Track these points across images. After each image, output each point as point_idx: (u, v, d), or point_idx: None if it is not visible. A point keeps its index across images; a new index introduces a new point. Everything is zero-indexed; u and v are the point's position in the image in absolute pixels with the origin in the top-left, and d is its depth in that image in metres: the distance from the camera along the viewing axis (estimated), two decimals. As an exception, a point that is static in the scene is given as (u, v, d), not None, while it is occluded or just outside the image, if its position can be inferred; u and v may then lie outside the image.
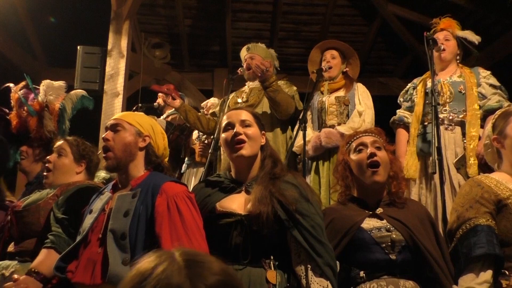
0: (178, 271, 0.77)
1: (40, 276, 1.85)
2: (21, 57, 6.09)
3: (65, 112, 2.56)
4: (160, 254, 0.82)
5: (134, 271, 0.80)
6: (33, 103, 2.61)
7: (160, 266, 0.78)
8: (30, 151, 2.58)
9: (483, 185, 1.90)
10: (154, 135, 1.92)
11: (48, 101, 2.57)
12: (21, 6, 5.68)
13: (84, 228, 1.81)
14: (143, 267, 0.79)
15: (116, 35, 4.50)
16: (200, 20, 6.21)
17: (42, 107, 2.57)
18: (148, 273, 0.77)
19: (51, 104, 2.58)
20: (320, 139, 3.09)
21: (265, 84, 3.12)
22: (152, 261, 0.80)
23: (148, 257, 0.82)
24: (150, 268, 0.78)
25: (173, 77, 6.51)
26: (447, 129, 2.84)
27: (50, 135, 2.48)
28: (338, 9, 6.03)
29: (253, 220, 1.67)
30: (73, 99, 2.60)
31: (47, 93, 2.59)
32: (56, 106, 2.59)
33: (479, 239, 1.76)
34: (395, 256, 1.78)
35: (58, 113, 2.57)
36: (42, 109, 2.56)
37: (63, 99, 2.62)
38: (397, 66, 6.79)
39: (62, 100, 2.61)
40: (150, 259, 0.81)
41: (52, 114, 2.54)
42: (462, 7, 5.11)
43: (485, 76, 2.94)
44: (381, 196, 1.96)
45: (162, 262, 0.79)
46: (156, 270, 0.77)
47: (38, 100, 2.59)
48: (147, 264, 0.80)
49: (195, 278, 0.76)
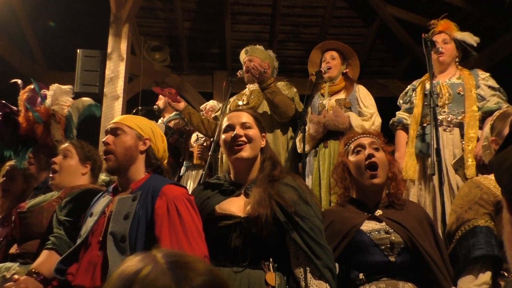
0: (162, 274, 0.74)
1: (40, 277, 1.85)
2: (21, 61, 6.10)
3: (72, 121, 2.55)
4: (142, 257, 0.79)
5: (116, 276, 0.77)
6: (40, 109, 2.59)
7: (143, 270, 0.75)
8: (37, 158, 2.57)
9: (482, 186, 1.90)
10: (154, 138, 1.92)
11: (55, 109, 2.56)
12: (20, 10, 5.69)
13: (84, 231, 1.82)
14: (125, 272, 0.76)
15: (116, 38, 4.51)
16: (200, 23, 6.22)
17: (49, 115, 2.55)
18: (132, 278, 0.74)
19: (58, 112, 2.57)
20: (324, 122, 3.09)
21: (262, 86, 3.13)
22: (134, 266, 0.77)
23: (130, 261, 0.79)
24: (133, 273, 0.75)
25: (173, 80, 6.52)
26: (445, 131, 2.84)
27: (58, 144, 2.48)
28: (337, 11, 6.04)
29: (252, 223, 1.67)
30: (79, 107, 2.58)
31: (54, 99, 2.58)
32: (63, 115, 2.58)
33: (478, 241, 1.76)
34: (394, 258, 1.79)
35: (65, 122, 2.56)
36: (49, 117, 2.55)
37: (70, 107, 2.60)
38: (396, 68, 6.79)
39: (69, 107, 2.60)
40: (132, 263, 0.78)
41: (59, 123, 2.53)
42: (460, 9, 5.12)
43: (484, 78, 2.94)
44: (380, 198, 1.97)
45: (145, 266, 0.76)
46: (139, 274, 0.75)
47: (45, 106, 2.58)
48: (129, 269, 0.77)
49: (180, 280, 0.74)
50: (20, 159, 2.61)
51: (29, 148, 2.58)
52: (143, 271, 0.75)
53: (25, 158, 2.59)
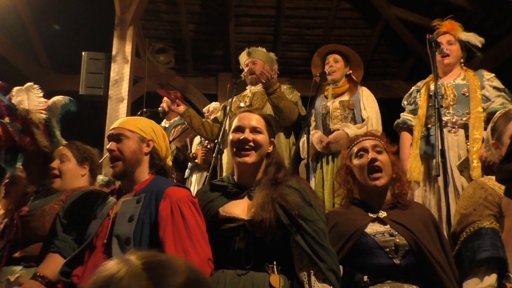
0: (137, 277, 0.72)
1: (45, 280, 1.85)
2: (27, 64, 6.14)
3: (52, 126, 2.48)
4: (117, 261, 0.76)
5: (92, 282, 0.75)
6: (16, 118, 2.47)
7: (118, 273, 0.73)
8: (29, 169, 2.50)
9: (486, 187, 1.88)
10: (156, 138, 1.92)
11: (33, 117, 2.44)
12: (25, 14, 5.74)
13: (89, 234, 1.83)
14: (100, 277, 0.74)
15: (121, 41, 4.53)
16: (204, 25, 6.24)
17: (27, 121, 2.42)
18: (106, 283, 0.72)
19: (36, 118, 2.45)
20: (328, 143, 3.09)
21: (269, 91, 3.13)
22: (109, 270, 0.74)
23: (105, 266, 0.76)
24: (108, 277, 0.73)
25: (177, 82, 6.54)
26: (450, 132, 2.83)
27: (47, 150, 2.44)
28: (341, 13, 6.04)
29: (256, 227, 1.66)
30: (54, 111, 2.49)
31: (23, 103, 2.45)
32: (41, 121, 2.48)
33: (483, 242, 1.75)
34: (398, 260, 1.77)
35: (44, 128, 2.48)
36: (27, 124, 2.42)
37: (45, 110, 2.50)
38: (401, 69, 6.78)
39: (44, 110, 2.50)
40: (106, 268, 0.75)
41: (39, 129, 2.46)
42: (465, 9, 5.11)
43: (489, 78, 2.93)
44: (384, 199, 1.95)
45: (119, 270, 0.73)
46: (113, 278, 0.72)
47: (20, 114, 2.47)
48: (104, 274, 0.74)
49: (159, 280, 0.72)
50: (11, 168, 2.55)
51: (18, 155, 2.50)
52: (117, 275, 0.73)
53: (15, 166, 2.53)
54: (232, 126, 1.88)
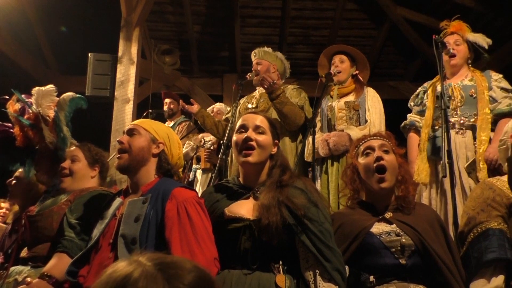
0: (153, 278, 0.73)
1: (53, 280, 1.86)
2: (33, 66, 6.19)
3: (59, 120, 2.52)
4: (128, 262, 0.77)
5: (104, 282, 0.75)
6: (30, 116, 2.57)
7: (133, 274, 0.74)
8: (41, 165, 2.56)
9: (494, 188, 1.87)
10: (169, 143, 1.93)
11: (42, 111, 2.52)
12: (33, 15, 5.78)
13: (95, 234, 1.84)
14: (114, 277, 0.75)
15: (126, 42, 4.55)
16: (209, 26, 6.26)
17: (38, 118, 2.52)
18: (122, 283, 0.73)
19: (45, 113, 2.53)
20: (329, 144, 3.08)
21: (272, 96, 3.12)
22: (122, 271, 0.75)
23: (115, 267, 0.77)
24: (122, 278, 0.74)
25: (183, 83, 6.56)
26: (458, 133, 2.81)
27: (52, 146, 2.47)
28: (347, 13, 6.03)
29: (263, 231, 1.66)
30: (63, 106, 2.54)
31: (38, 101, 2.54)
32: (50, 116, 2.55)
33: (491, 243, 1.74)
34: (405, 260, 1.76)
35: (53, 123, 2.53)
36: (38, 120, 2.52)
37: (55, 106, 2.58)
38: (407, 70, 6.75)
39: (55, 107, 2.57)
40: (118, 268, 0.76)
41: (48, 125, 2.51)
42: (472, 10, 5.08)
43: (496, 79, 2.91)
44: (389, 200, 1.94)
45: (133, 270, 0.74)
46: (130, 279, 0.73)
47: (33, 111, 2.56)
48: (117, 274, 0.75)
49: (172, 279, 0.74)
50: (27, 170, 2.61)
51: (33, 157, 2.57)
52: (133, 275, 0.74)
53: (31, 168, 2.59)
54: (236, 127, 1.90)
